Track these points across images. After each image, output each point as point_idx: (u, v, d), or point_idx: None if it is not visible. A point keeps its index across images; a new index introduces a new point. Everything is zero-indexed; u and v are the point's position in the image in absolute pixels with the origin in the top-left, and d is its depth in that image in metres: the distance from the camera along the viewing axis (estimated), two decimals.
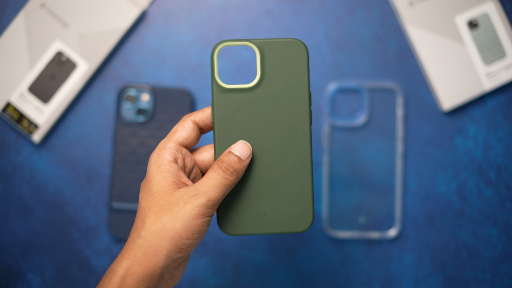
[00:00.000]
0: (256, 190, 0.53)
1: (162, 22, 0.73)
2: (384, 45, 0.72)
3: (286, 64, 0.52)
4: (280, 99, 0.52)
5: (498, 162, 0.72)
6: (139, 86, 0.72)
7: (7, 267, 0.73)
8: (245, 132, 0.52)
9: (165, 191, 0.48)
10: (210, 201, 0.47)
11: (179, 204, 0.47)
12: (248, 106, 0.52)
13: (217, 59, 0.52)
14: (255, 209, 0.53)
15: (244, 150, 0.50)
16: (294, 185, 0.53)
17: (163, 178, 0.48)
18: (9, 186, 0.73)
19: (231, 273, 0.72)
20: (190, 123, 0.51)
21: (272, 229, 0.53)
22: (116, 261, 0.48)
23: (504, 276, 0.72)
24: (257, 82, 0.52)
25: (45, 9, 0.71)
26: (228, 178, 0.48)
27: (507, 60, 0.70)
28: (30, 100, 0.71)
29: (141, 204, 0.48)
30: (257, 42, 0.52)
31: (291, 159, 0.53)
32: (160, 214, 0.47)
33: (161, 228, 0.47)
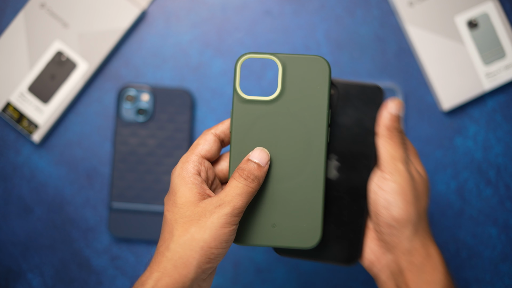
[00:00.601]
0: (266, 202, 0.53)
1: (162, 22, 0.73)
2: (384, 45, 0.73)
3: (307, 80, 0.53)
4: (299, 114, 0.53)
5: (497, 162, 0.72)
6: (139, 86, 0.72)
7: (7, 267, 0.73)
8: (261, 143, 0.53)
9: (190, 202, 0.48)
10: (235, 209, 0.48)
11: (205, 214, 0.47)
12: (266, 118, 0.53)
13: (239, 71, 0.52)
14: (264, 221, 0.53)
15: (263, 156, 0.51)
16: (304, 201, 0.53)
17: (188, 189, 0.49)
18: (9, 186, 0.73)
19: (231, 273, 0.72)
20: (211, 136, 0.51)
21: (279, 242, 0.53)
22: (145, 274, 0.48)
23: (504, 276, 0.72)
24: (277, 95, 0.52)
25: (45, 9, 0.71)
26: (250, 186, 0.49)
27: (506, 60, 0.70)
28: (30, 100, 0.71)
29: (166, 217, 0.49)
30: (281, 57, 0.53)
31: (304, 174, 0.53)
32: (187, 226, 0.47)
33: (190, 239, 0.47)
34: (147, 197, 0.71)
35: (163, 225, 0.50)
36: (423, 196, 0.51)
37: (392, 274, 0.52)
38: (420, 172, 0.53)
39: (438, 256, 0.51)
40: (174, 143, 0.71)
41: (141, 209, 0.71)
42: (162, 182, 0.71)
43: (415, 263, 0.50)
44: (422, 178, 0.52)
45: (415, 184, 0.51)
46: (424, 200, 0.51)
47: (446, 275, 0.51)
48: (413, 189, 0.50)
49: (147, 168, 0.71)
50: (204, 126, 0.72)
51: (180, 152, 0.71)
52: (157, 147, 0.71)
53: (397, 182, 0.50)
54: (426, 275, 0.50)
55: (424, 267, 0.50)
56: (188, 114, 0.71)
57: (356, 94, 0.55)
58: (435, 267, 0.51)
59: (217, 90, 0.73)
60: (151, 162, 0.71)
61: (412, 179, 0.51)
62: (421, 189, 0.51)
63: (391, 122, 0.52)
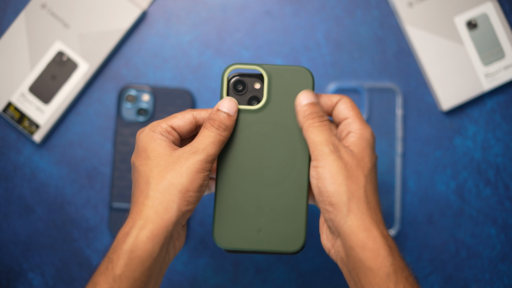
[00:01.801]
0: (252, 207, 0.55)
1: (162, 22, 0.73)
2: (383, 45, 0.73)
3: (292, 90, 0.54)
4: (283, 123, 0.54)
5: (497, 162, 0.72)
6: (140, 86, 0.72)
7: (8, 266, 0.73)
8: (247, 150, 0.54)
9: (162, 153, 0.50)
10: (209, 156, 0.50)
11: (180, 160, 0.49)
12: (252, 127, 0.54)
13: (226, 80, 0.54)
14: (250, 225, 0.55)
15: (231, 106, 0.53)
16: (289, 206, 0.55)
17: (157, 144, 0.50)
18: (10, 186, 0.73)
19: (231, 273, 0.73)
20: (189, 115, 0.53)
21: (265, 246, 0.54)
22: (127, 224, 0.49)
23: (503, 276, 0.72)
24: (262, 105, 0.54)
25: (46, 9, 0.71)
26: (221, 134, 0.51)
27: (506, 60, 0.71)
28: (31, 100, 0.71)
29: (140, 171, 0.50)
30: (266, 68, 0.54)
31: (289, 180, 0.55)
32: (163, 173, 0.49)
33: (168, 185, 0.48)
34: None
35: (136, 179, 0.50)
36: (357, 175, 0.50)
37: (341, 259, 0.50)
38: (357, 142, 0.51)
39: (382, 239, 0.48)
40: None
41: None
42: None
43: (354, 246, 0.48)
44: (354, 156, 0.50)
45: (345, 164, 0.50)
46: (359, 178, 0.50)
47: (390, 261, 0.48)
48: (342, 170, 0.49)
49: None
50: None
51: None
52: None
53: (324, 167, 0.49)
54: (368, 261, 0.48)
55: (364, 252, 0.48)
56: None
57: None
58: (377, 253, 0.48)
59: (217, 90, 0.73)
60: None
61: (340, 159, 0.50)
62: (354, 168, 0.50)
63: (305, 111, 0.52)
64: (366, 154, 0.51)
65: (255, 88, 0.55)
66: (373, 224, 0.49)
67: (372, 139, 0.52)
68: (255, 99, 0.55)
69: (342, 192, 0.49)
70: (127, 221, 0.49)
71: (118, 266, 0.47)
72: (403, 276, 0.48)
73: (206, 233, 0.72)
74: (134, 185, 0.51)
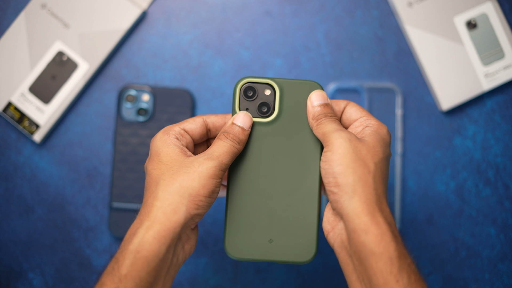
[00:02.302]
0: (264, 218, 0.55)
1: (162, 22, 0.73)
2: (383, 45, 0.73)
3: (303, 103, 0.55)
4: (295, 135, 0.55)
5: (496, 162, 0.72)
6: (140, 86, 0.72)
7: (8, 266, 0.73)
8: (258, 162, 0.55)
9: (175, 159, 0.50)
10: (222, 164, 0.50)
11: (194, 165, 0.49)
12: (264, 139, 0.55)
13: (239, 94, 0.55)
14: (261, 237, 0.55)
15: (246, 120, 0.53)
16: (300, 218, 0.55)
17: (171, 149, 0.51)
18: (10, 186, 0.73)
19: (231, 273, 0.73)
20: (200, 119, 0.53)
21: (275, 257, 0.55)
22: (134, 225, 0.49)
23: (503, 275, 0.72)
24: (274, 117, 0.55)
25: (46, 9, 0.71)
26: (235, 147, 0.52)
27: (505, 60, 0.71)
28: (31, 100, 0.71)
29: (152, 174, 0.50)
30: (278, 81, 0.55)
31: (300, 192, 0.55)
32: (175, 176, 0.49)
33: (178, 187, 0.49)
34: None
35: (147, 182, 0.50)
36: (367, 160, 0.49)
37: (342, 242, 0.50)
38: (369, 136, 0.51)
39: (385, 225, 0.48)
40: None
41: None
42: None
43: (357, 229, 0.48)
44: (365, 143, 0.50)
45: (353, 147, 0.49)
46: (368, 164, 0.49)
47: (393, 246, 0.47)
48: (350, 152, 0.49)
49: None
50: None
51: None
52: None
53: (332, 150, 0.50)
54: (371, 245, 0.48)
55: (367, 235, 0.48)
56: (188, 114, 0.72)
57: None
58: (380, 237, 0.47)
59: (217, 90, 0.73)
60: None
61: (349, 142, 0.50)
62: (364, 153, 0.50)
63: (316, 112, 0.53)
64: (379, 145, 0.51)
65: (265, 94, 0.56)
66: (377, 209, 0.48)
67: (388, 136, 0.52)
68: (265, 105, 0.56)
69: (348, 173, 0.49)
70: (135, 222, 0.49)
71: (124, 266, 0.48)
72: (406, 262, 0.47)
73: (206, 233, 0.72)
74: (146, 188, 0.51)
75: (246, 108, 0.55)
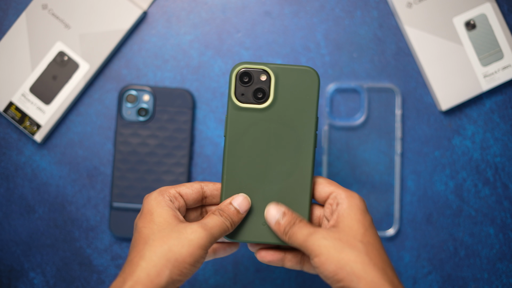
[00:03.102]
0: (257, 202, 0.56)
1: (162, 22, 0.73)
2: (383, 45, 0.73)
3: (298, 89, 0.56)
4: (289, 122, 0.56)
5: (495, 162, 0.73)
6: (140, 86, 0.72)
7: (9, 265, 0.73)
8: (254, 148, 0.56)
9: (168, 222, 0.51)
10: (213, 237, 0.51)
11: (186, 231, 0.50)
12: (259, 125, 0.56)
13: (234, 80, 0.55)
14: (255, 220, 0.56)
15: (243, 204, 0.55)
16: (293, 202, 0.56)
17: (165, 211, 0.51)
18: (11, 186, 0.73)
19: (231, 273, 0.73)
20: (197, 185, 0.54)
21: (268, 239, 0.56)
22: (116, 283, 0.49)
23: (502, 275, 0.73)
24: (269, 104, 0.56)
25: (47, 10, 0.71)
26: (227, 225, 0.52)
27: (504, 61, 0.71)
28: (32, 100, 0.71)
29: (142, 232, 0.50)
30: (273, 67, 0.56)
31: (292, 178, 0.56)
32: (166, 239, 0.49)
33: (167, 250, 0.49)
34: None
35: (136, 239, 0.51)
36: (352, 244, 0.52)
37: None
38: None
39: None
40: (175, 143, 0.72)
41: None
42: (163, 182, 0.71)
43: None
44: (340, 230, 0.52)
45: (333, 243, 0.51)
46: (355, 246, 0.51)
47: None
48: (332, 248, 0.51)
49: (147, 168, 0.72)
50: (204, 126, 0.73)
51: (180, 152, 0.72)
52: (158, 147, 0.72)
53: (317, 255, 0.51)
54: None
55: None
56: (189, 114, 0.72)
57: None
58: None
59: (218, 90, 0.73)
60: (152, 162, 0.72)
61: (326, 240, 0.51)
62: (345, 240, 0.51)
63: (282, 229, 0.54)
64: (355, 221, 0.52)
65: (261, 80, 0.56)
66: (387, 284, 0.49)
67: (361, 202, 0.53)
68: (260, 91, 0.56)
69: (342, 265, 0.49)
70: (118, 279, 0.49)
71: None
72: None
73: None
74: (132, 245, 0.51)
75: (242, 94, 0.56)
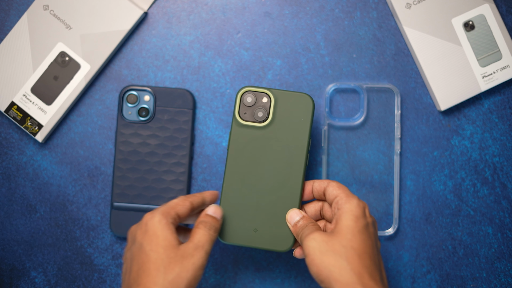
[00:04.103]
0: (251, 210, 0.64)
1: (163, 23, 0.74)
2: (382, 46, 0.73)
3: (294, 112, 0.64)
4: (284, 140, 0.64)
5: (494, 162, 0.73)
6: (141, 87, 0.72)
7: (11, 265, 0.73)
8: (251, 161, 0.64)
9: (172, 245, 0.56)
10: (207, 253, 0.57)
11: (187, 257, 0.56)
12: (258, 141, 0.64)
13: (239, 101, 0.64)
14: (247, 226, 0.64)
15: (217, 211, 0.61)
16: (282, 212, 0.63)
17: (170, 234, 0.57)
18: (13, 185, 0.73)
19: (231, 272, 0.73)
20: (188, 203, 0.60)
21: (258, 244, 0.64)
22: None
23: (500, 274, 0.73)
24: (268, 123, 0.64)
25: (48, 11, 0.72)
26: (212, 235, 0.59)
27: (503, 61, 0.71)
28: (34, 101, 0.72)
29: (150, 255, 0.55)
30: (274, 91, 0.64)
31: (284, 190, 0.63)
32: (173, 266, 0.55)
33: (176, 278, 0.55)
34: (148, 197, 0.72)
35: (144, 262, 0.55)
36: (335, 249, 0.56)
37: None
38: None
39: None
40: (175, 143, 0.72)
41: (143, 208, 0.72)
42: (163, 181, 0.72)
43: None
44: (332, 234, 0.58)
45: (319, 246, 0.57)
46: (337, 251, 0.56)
47: None
48: (318, 250, 0.57)
49: (148, 167, 0.72)
50: (204, 126, 0.73)
51: (181, 152, 0.72)
52: (158, 147, 0.72)
53: (306, 255, 0.58)
54: None
55: None
56: (189, 114, 0.72)
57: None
58: None
59: (218, 91, 0.73)
60: (152, 162, 0.72)
61: (315, 242, 0.58)
62: (330, 244, 0.57)
63: (298, 230, 0.62)
64: (345, 226, 0.57)
65: (263, 101, 0.64)
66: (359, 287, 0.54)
67: (356, 208, 0.58)
68: (261, 111, 0.64)
69: (324, 267, 0.55)
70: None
71: None
72: None
73: None
74: (140, 267, 0.55)
75: (245, 113, 0.64)
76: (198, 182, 0.73)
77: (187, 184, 0.72)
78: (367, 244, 0.56)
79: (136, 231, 0.58)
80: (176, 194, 0.71)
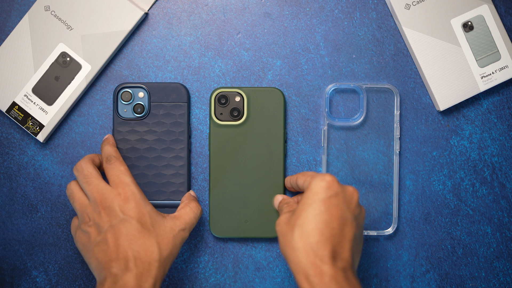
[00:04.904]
0: (239, 203, 0.69)
1: (163, 24, 0.74)
2: (381, 46, 0.73)
3: (267, 107, 0.69)
4: (262, 134, 0.69)
5: (493, 162, 0.73)
6: (134, 84, 0.72)
7: (12, 264, 0.74)
8: (233, 158, 0.69)
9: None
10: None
11: (174, 232, 0.66)
12: (236, 139, 0.69)
13: (214, 102, 0.69)
14: (238, 218, 0.69)
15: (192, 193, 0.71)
16: (269, 201, 0.69)
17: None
18: (14, 185, 0.74)
19: (231, 271, 0.73)
20: (97, 159, 0.69)
21: (250, 234, 0.70)
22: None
23: (499, 273, 0.73)
24: (243, 120, 0.69)
25: (49, 11, 0.72)
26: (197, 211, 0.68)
27: (501, 62, 0.71)
28: (35, 101, 0.72)
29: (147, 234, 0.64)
30: (245, 90, 0.70)
31: (268, 180, 0.69)
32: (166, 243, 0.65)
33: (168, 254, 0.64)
34: (149, 193, 0.72)
35: (144, 237, 0.63)
36: (287, 234, 0.60)
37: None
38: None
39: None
40: (172, 137, 0.72)
41: None
42: (163, 176, 0.72)
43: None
44: (290, 216, 0.62)
45: (282, 230, 0.61)
46: (288, 237, 0.60)
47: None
48: (280, 235, 0.62)
49: (147, 163, 0.72)
50: (205, 126, 0.73)
51: (179, 145, 0.72)
52: (156, 142, 0.72)
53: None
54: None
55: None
56: (184, 107, 0.72)
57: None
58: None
59: None
60: (151, 157, 0.72)
61: (278, 226, 0.63)
62: (284, 227, 0.62)
63: (279, 208, 0.67)
64: (303, 208, 0.59)
65: (236, 100, 0.69)
66: (300, 262, 0.57)
67: (316, 186, 0.59)
68: (236, 110, 0.69)
69: (283, 252, 0.60)
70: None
71: None
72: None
73: (206, 232, 0.73)
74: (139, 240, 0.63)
75: (220, 113, 0.69)
76: (198, 182, 0.73)
77: (187, 177, 0.72)
78: (321, 219, 0.57)
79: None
80: (177, 187, 0.72)
